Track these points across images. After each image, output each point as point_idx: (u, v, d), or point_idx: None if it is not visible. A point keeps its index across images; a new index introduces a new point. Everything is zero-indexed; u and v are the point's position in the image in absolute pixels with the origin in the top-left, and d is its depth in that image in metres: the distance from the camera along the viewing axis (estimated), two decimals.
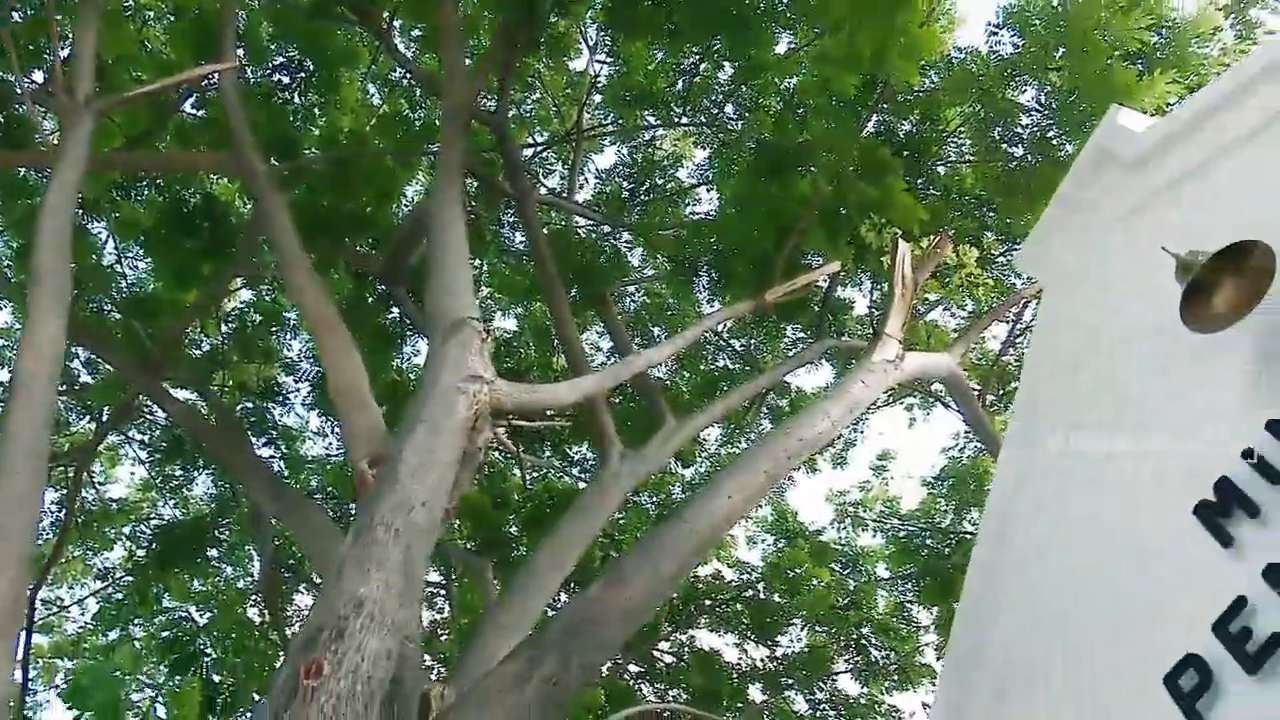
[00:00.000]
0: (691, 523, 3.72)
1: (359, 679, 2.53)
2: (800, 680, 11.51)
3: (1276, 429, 3.04)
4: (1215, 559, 3.10)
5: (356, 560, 2.87)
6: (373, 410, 4.26)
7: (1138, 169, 4.11)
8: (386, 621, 2.70)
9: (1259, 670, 2.80)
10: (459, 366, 3.79)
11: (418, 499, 3.12)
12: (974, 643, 4.17)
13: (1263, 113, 3.60)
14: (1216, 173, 3.72)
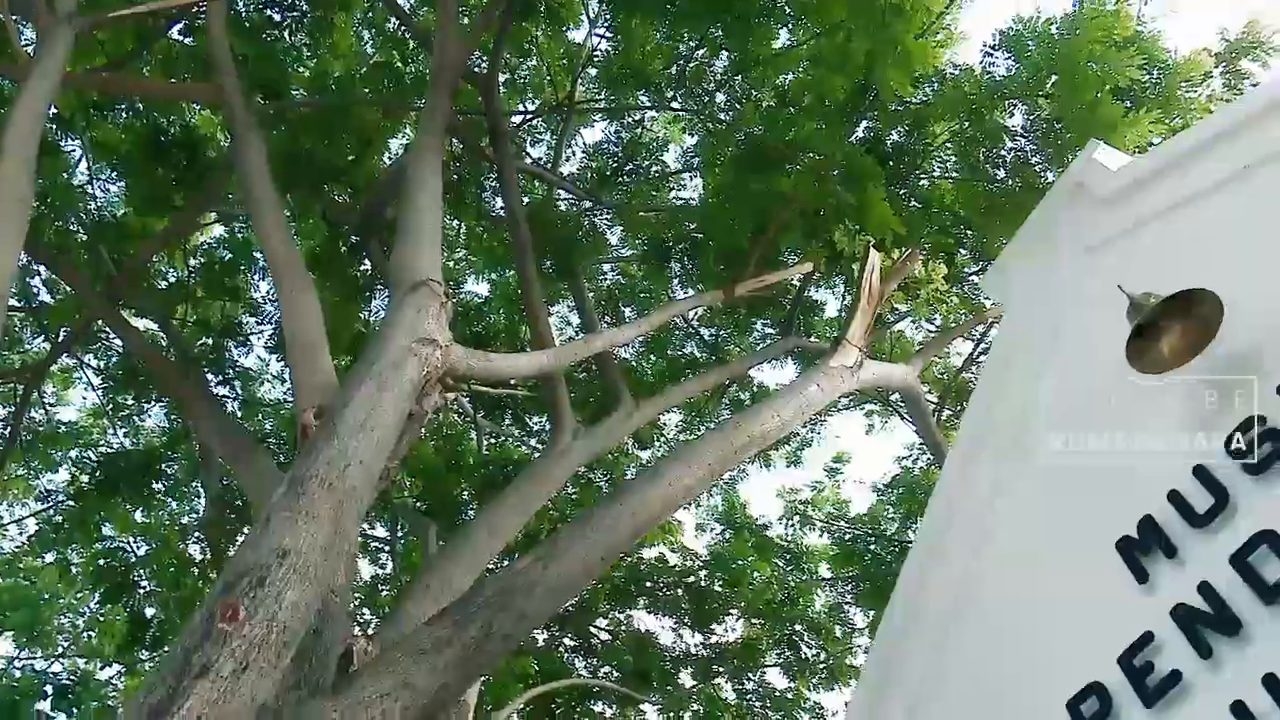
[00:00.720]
0: (629, 506, 3.75)
1: (274, 627, 2.54)
2: (730, 669, 11.67)
3: (1203, 475, 3.13)
4: (1129, 593, 3.20)
5: (286, 511, 2.87)
6: (325, 362, 4.24)
7: (1108, 205, 4.17)
8: (309, 574, 2.71)
9: (1155, 704, 2.90)
10: (414, 329, 3.79)
11: (355, 456, 3.12)
12: (894, 653, 4.26)
13: (1233, 164, 3.67)
14: (1183, 219, 3.79)
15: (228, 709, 2.28)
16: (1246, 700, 2.62)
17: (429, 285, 4.11)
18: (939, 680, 3.88)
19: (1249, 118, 3.74)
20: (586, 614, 12.00)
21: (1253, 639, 2.72)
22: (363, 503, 3.21)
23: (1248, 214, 3.46)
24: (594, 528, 3.66)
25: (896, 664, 4.13)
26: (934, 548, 4.36)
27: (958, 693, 3.80)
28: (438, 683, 2.92)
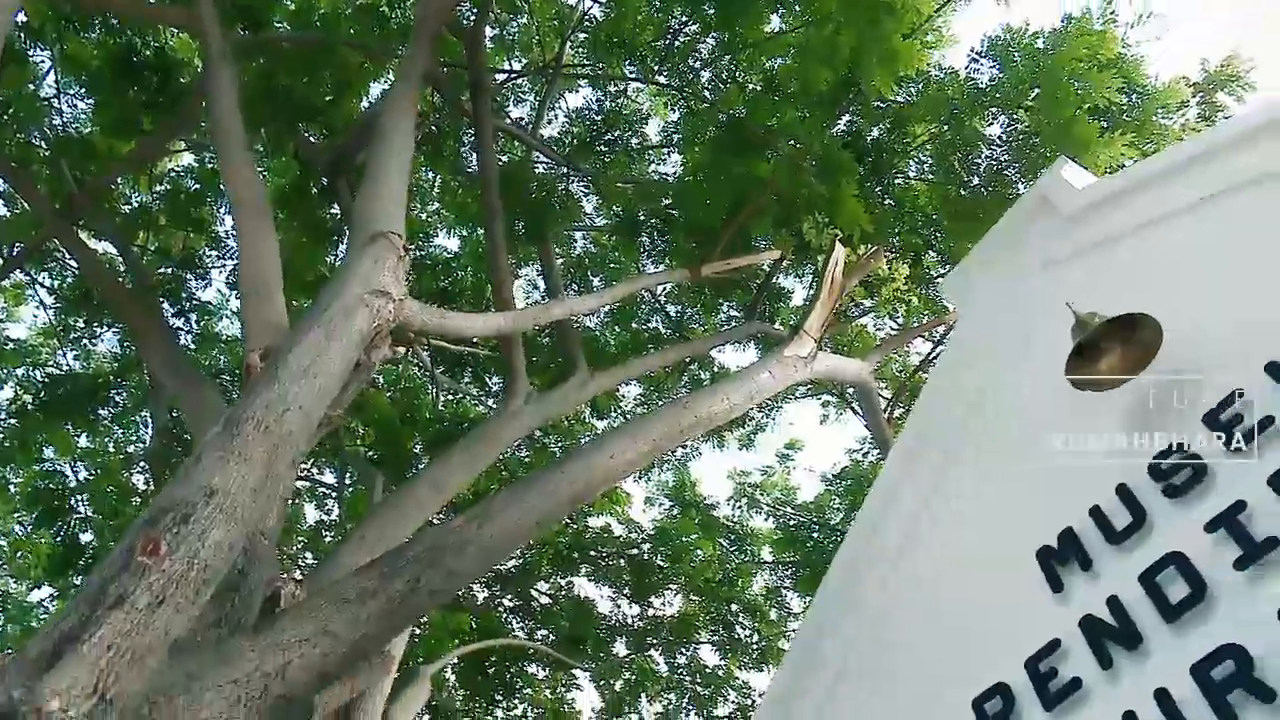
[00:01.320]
0: (569, 474, 3.77)
1: (195, 564, 2.54)
2: (664, 643, 11.83)
3: (1125, 494, 3.23)
4: (1044, 601, 3.30)
5: (218, 449, 2.86)
6: (278, 303, 4.20)
7: (1070, 223, 4.25)
8: (237, 514, 2.71)
9: (1055, 708, 3.01)
10: (368, 280, 3.76)
11: (295, 401, 3.10)
12: (820, 634, 4.37)
13: (1192, 193, 3.76)
14: (1141, 243, 3.87)
15: (140, 641, 2.28)
16: (1138, 711, 2.73)
17: (388, 237, 4.07)
18: (859, 665, 4.00)
19: (1211, 149, 3.82)
20: (528, 577, 12.09)
21: (1151, 654, 2.83)
22: (299, 449, 3.20)
23: (1202, 242, 3.55)
24: (532, 492, 3.68)
25: (821, 645, 4.25)
26: (870, 537, 4.47)
27: (875, 679, 3.91)
28: (359, 632, 2.94)
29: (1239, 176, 3.56)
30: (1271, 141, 3.53)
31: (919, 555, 4.05)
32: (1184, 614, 2.77)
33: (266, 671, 2.68)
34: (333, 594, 3.06)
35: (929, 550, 4.02)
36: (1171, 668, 2.71)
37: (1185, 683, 2.63)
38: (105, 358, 11.69)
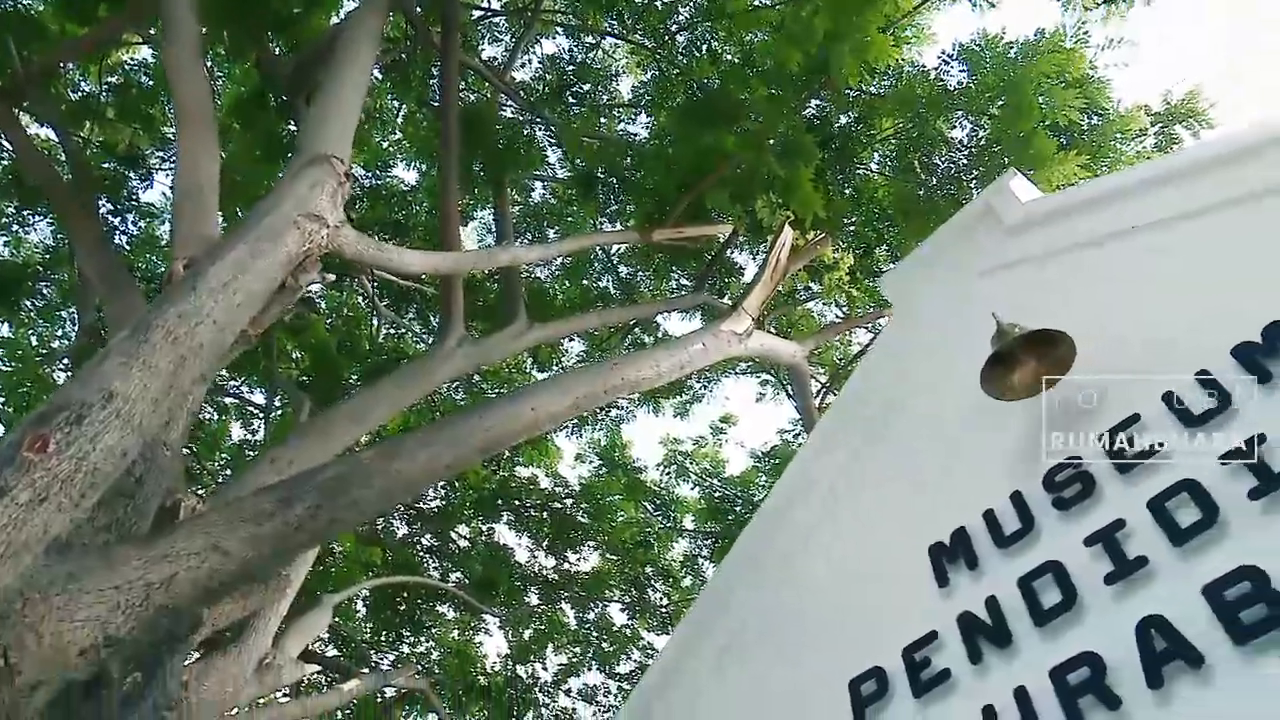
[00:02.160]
0: (486, 422, 3.77)
1: (83, 466, 2.50)
2: (576, 597, 11.99)
3: (1018, 501, 3.35)
4: (929, 594, 3.43)
5: (123, 354, 2.80)
6: (210, 214, 4.09)
7: (1011, 234, 4.34)
8: (134, 421, 2.67)
9: (923, 696, 3.14)
10: (303, 202, 3.68)
11: (210, 315, 3.04)
12: (723, 597, 4.49)
13: (1129, 221, 3.87)
14: (1073, 262, 3.98)
15: (16, 536, 2.25)
16: (996, 706, 2.86)
17: (331, 161, 3.98)
18: (751, 636, 4.12)
19: (1147, 180, 3.93)
20: (449, 519, 12.11)
21: (1018, 653, 2.97)
22: (209, 363, 3.15)
23: (1129, 268, 3.65)
24: (446, 435, 3.67)
25: (719, 612, 4.36)
26: (781, 512, 4.58)
27: (763, 652, 4.03)
28: (252, 553, 2.92)
29: (1172, 209, 3.67)
30: (1206, 178, 3.64)
31: (824, 536, 4.16)
32: (1053, 620, 2.91)
33: (151, 581, 2.65)
34: (229, 512, 3.03)
35: (834, 532, 4.13)
36: (1033, 668, 2.84)
37: (1043, 684, 2.77)
38: (36, 248, 11.31)
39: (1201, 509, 2.72)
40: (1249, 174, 3.36)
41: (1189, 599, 2.57)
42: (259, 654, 4.32)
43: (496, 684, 12.02)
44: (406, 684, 8.98)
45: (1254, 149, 3.46)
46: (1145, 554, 2.79)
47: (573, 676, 12.54)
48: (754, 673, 4.00)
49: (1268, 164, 3.33)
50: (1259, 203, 3.30)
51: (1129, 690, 2.57)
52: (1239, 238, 3.27)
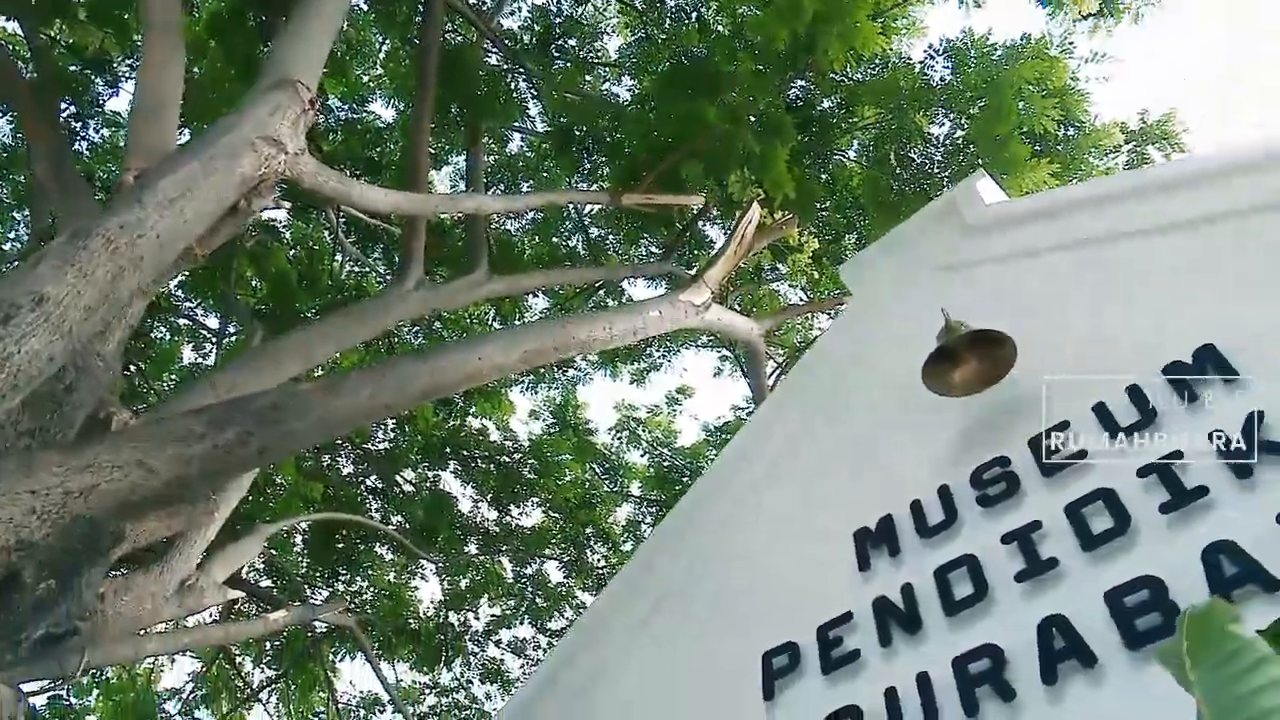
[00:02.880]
0: (431, 367, 3.74)
1: (6, 368, 2.45)
2: (515, 551, 12.06)
3: (944, 494, 3.43)
4: (849, 576, 3.51)
5: (59, 259, 2.73)
6: (168, 128, 3.99)
7: (971, 234, 4.40)
8: (64, 328, 2.62)
9: (830, 673, 3.23)
10: (263, 125, 3.60)
11: (154, 229, 2.98)
12: (659, 554, 4.56)
13: (1085, 234, 3.93)
14: (1028, 268, 4.04)
15: None
16: (898, 688, 2.95)
17: (296, 86, 3.89)
18: (680, 594, 4.19)
19: (1106, 194, 4.00)
20: (396, 462, 12.09)
21: (925, 640, 3.05)
22: (149, 277, 3.08)
23: (1079, 281, 3.72)
24: (389, 375, 3.65)
25: (654, 568, 4.43)
26: (721, 480, 4.65)
27: (687, 615, 4.10)
28: (177, 473, 2.89)
29: (1124, 226, 3.74)
30: (1158, 199, 3.71)
31: (757, 510, 4.23)
32: (962, 611, 2.99)
33: (70, 489, 2.62)
34: (159, 430, 2.99)
35: (767, 507, 4.20)
36: (938, 655, 2.93)
37: (945, 671, 2.86)
38: None
39: (1114, 517, 2.81)
40: (1199, 200, 3.43)
41: (1091, 602, 2.67)
42: (182, 575, 4.29)
43: (427, 629, 12.09)
44: (335, 620, 8.99)
45: (1207, 176, 3.53)
46: (1056, 556, 2.87)
47: (504, 628, 12.66)
48: (675, 636, 4.07)
49: (1217, 192, 3.41)
50: (1207, 228, 3.38)
51: (1024, 684, 2.66)
52: (1183, 259, 3.35)
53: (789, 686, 3.34)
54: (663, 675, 3.93)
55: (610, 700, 4.05)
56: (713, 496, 4.57)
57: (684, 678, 3.80)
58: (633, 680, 4.04)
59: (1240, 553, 2.43)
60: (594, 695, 4.13)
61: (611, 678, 4.14)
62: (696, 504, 4.75)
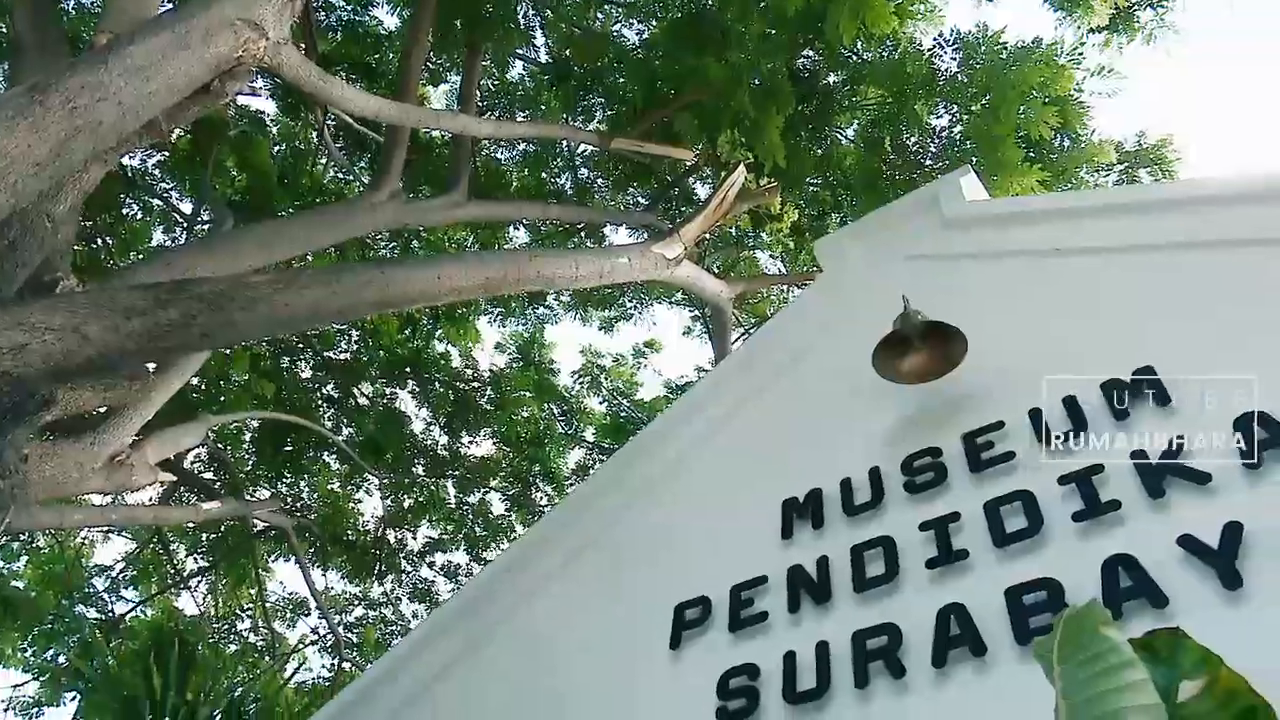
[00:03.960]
0: (388, 277, 3.70)
1: None
2: (461, 478, 12.13)
3: (874, 475, 3.49)
4: (772, 541, 3.57)
5: (12, 109, 2.64)
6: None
7: (947, 228, 4.42)
8: (9, 180, 2.54)
9: (736, 631, 3.30)
10: (246, 6, 3.50)
11: (116, 95, 2.89)
12: (588, 504, 4.62)
13: (1055, 242, 3.96)
14: (996, 269, 4.07)
15: None
16: (798, 653, 3.03)
17: None
18: (608, 539, 4.25)
19: (1075, 209, 4.03)
20: (354, 373, 12.04)
21: (831, 611, 3.14)
22: (107, 143, 3.01)
23: (1041, 290, 3.76)
24: (344, 280, 3.60)
25: (587, 511, 4.50)
26: (665, 433, 4.70)
27: (614, 558, 4.16)
28: (112, 344, 2.85)
29: (1093, 242, 3.78)
30: (1132, 221, 3.74)
31: (695, 466, 4.28)
32: (871, 589, 3.07)
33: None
34: (100, 298, 2.95)
35: (704, 465, 4.25)
36: (840, 627, 3.01)
37: (844, 642, 2.94)
38: None
39: (1029, 519, 2.88)
40: (1165, 227, 3.48)
41: (991, 596, 2.75)
42: (113, 450, 4.26)
43: (364, 542, 12.17)
44: (271, 520, 9.01)
45: (1175, 204, 3.58)
46: (968, 548, 2.95)
47: (440, 552, 12.77)
48: (595, 577, 4.13)
49: (1183, 220, 3.45)
50: (1169, 254, 3.42)
51: (915, 665, 2.75)
52: (1142, 282, 3.40)
53: (695, 639, 3.42)
54: (578, 613, 4.01)
55: (523, 632, 4.13)
56: (654, 448, 4.62)
57: (597, 618, 3.88)
58: (548, 615, 4.12)
59: (1138, 568, 2.52)
60: (508, 626, 4.20)
61: (527, 610, 4.21)
62: (637, 453, 4.80)
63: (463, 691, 4.11)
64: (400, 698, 4.27)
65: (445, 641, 4.36)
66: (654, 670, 3.42)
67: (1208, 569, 2.41)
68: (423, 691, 4.21)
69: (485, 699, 4.00)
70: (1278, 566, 2.32)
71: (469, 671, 4.12)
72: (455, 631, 4.38)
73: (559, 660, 3.84)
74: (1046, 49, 6.69)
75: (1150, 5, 7.20)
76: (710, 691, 3.12)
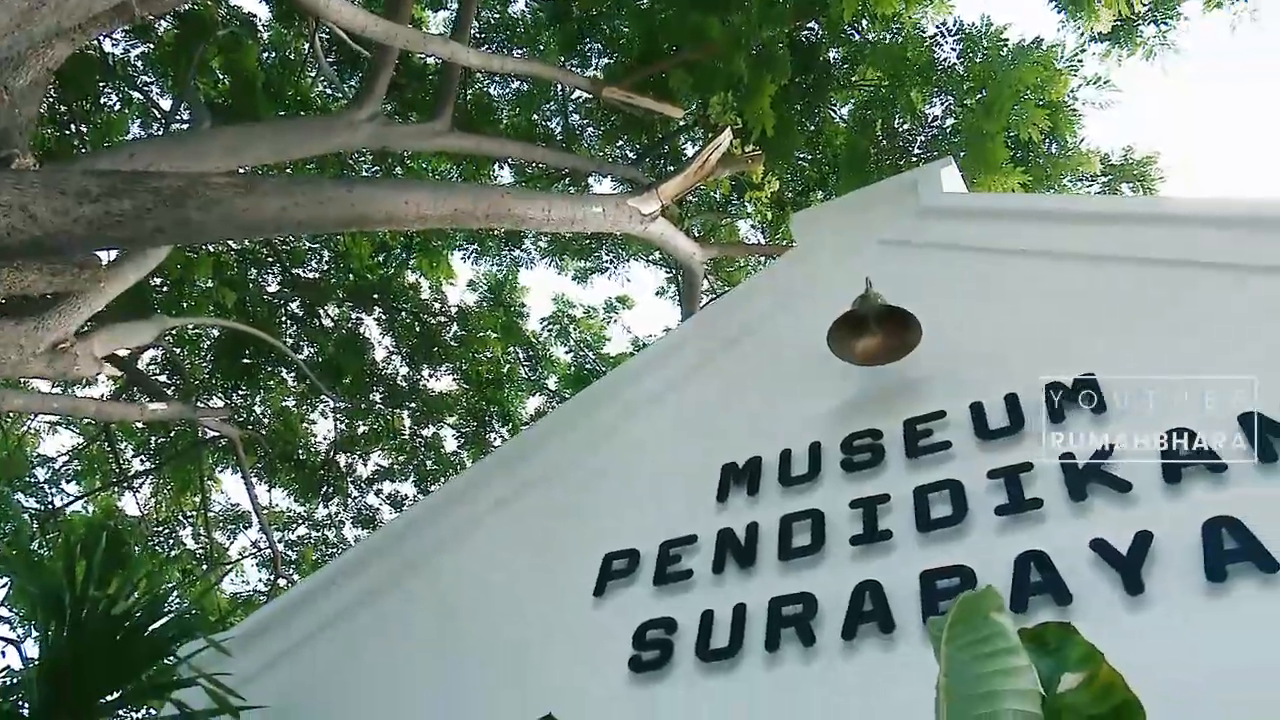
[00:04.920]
0: (354, 195, 3.64)
1: None
2: (416, 411, 12.10)
3: (815, 451, 3.54)
4: (706, 503, 3.62)
5: None
6: None
7: (922, 216, 4.44)
8: None
9: (660, 585, 3.36)
10: None
11: None
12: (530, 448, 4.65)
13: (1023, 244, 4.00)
14: (964, 261, 4.10)
15: None
16: (715, 612, 3.09)
17: None
18: (545, 485, 4.28)
19: (1045, 213, 4.07)
20: (321, 293, 11.90)
21: (753, 577, 3.20)
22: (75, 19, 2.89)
23: (1002, 289, 3.80)
24: (308, 192, 3.53)
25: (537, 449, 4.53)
26: (619, 383, 4.73)
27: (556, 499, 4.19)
28: (60, 227, 2.78)
29: (1058, 247, 3.82)
30: (1099, 231, 3.79)
31: (639, 423, 4.31)
32: (795, 559, 3.14)
33: None
34: (52, 179, 2.87)
35: (652, 422, 4.27)
36: (759, 592, 3.08)
37: (761, 607, 3.01)
38: None
39: (954, 508, 2.95)
40: (1131, 239, 3.53)
41: (907, 577, 2.82)
42: (56, 337, 4.19)
43: (313, 463, 12.13)
44: (219, 430, 8.95)
45: (1142, 219, 3.63)
46: (892, 529, 3.02)
47: (389, 481, 12.77)
48: (532, 520, 4.16)
49: (1147, 236, 3.50)
50: (1131, 268, 3.47)
51: (826, 634, 2.83)
52: (1101, 289, 3.46)
53: (620, 589, 3.47)
54: (510, 552, 4.04)
55: (455, 564, 4.16)
56: (606, 399, 4.64)
57: (528, 558, 3.91)
58: (481, 551, 4.15)
59: (1049, 565, 2.59)
60: (441, 558, 4.23)
61: (462, 543, 4.24)
62: (590, 402, 4.82)
63: (389, 616, 4.15)
64: (326, 616, 4.30)
65: (378, 566, 4.39)
66: (576, 614, 3.48)
67: (1114, 573, 2.48)
68: (350, 611, 4.24)
69: (411, 625, 4.04)
70: (1179, 577, 2.40)
71: (399, 597, 4.16)
72: (389, 556, 4.40)
73: (486, 595, 3.89)
74: (1046, 52, 6.69)
75: (1154, 21, 7.20)
76: (627, 640, 3.18)
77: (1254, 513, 2.40)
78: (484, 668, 3.51)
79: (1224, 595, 2.31)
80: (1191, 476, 2.59)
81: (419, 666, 3.74)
